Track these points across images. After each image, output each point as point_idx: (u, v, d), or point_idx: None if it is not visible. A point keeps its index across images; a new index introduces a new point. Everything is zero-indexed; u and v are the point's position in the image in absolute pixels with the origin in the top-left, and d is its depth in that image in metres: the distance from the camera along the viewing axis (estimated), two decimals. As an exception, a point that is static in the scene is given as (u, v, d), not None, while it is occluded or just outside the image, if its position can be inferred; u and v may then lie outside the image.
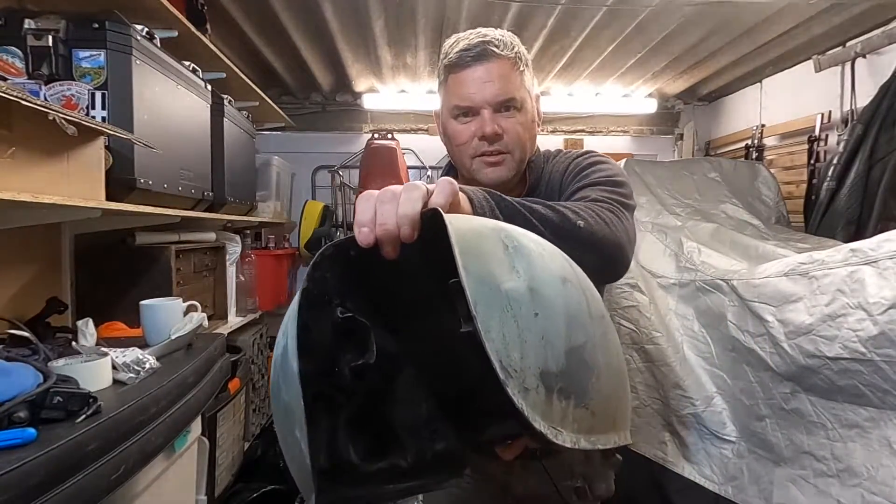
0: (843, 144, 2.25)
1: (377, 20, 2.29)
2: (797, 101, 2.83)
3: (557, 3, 2.10)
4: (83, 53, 1.25)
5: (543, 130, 3.63)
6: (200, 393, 1.16)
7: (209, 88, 1.84)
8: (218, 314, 2.05)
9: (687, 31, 2.41)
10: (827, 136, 2.60)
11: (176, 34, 1.62)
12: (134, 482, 0.95)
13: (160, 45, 1.48)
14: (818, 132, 2.61)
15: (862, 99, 2.34)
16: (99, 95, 1.26)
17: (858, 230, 2.15)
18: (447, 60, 0.93)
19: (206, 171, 1.85)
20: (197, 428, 1.32)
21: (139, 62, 1.34)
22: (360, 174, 3.27)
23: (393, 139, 3.27)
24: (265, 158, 2.91)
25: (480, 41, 0.90)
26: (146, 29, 1.41)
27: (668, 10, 2.16)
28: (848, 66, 2.45)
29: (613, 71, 3.00)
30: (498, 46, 0.90)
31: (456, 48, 0.92)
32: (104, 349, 1.03)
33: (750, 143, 3.11)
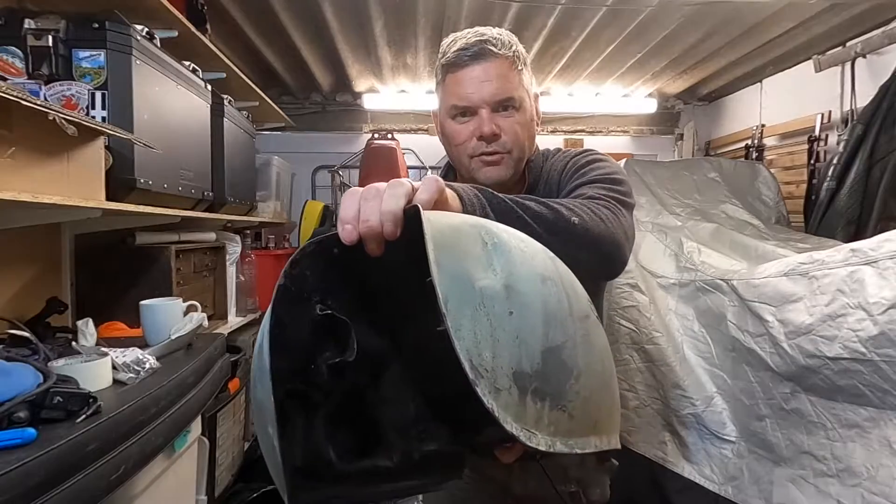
0: (843, 144, 2.25)
1: (377, 20, 2.29)
2: (797, 101, 2.83)
3: (557, 3, 2.10)
4: (83, 53, 1.25)
5: (543, 131, 3.63)
6: (200, 393, 1.16)
7: (209, 88, 1.84)
8: (218, 314, 2.05)
9: (687, 31, 2.41)
10: (827, 136, 2.60)
11: (176, 34, 1.62)
12: (134, 482, 0.95)
13: (160, 45, 1.48)
14: (818, 132, 2.61)
15: (862, 99, 2.34)
16: (99, 95, 1.26)
17: (858, 230, 2.15)
18: (445, 60, 0.92)
19: (206, 171, 1.85)
20: (197, 428, 1.32)
21: (139, 62, 1.34)
22: (360, 174, 3.28)
23: (393, 139, 3.28)
24: (265, 158, 2.91)
25: (478, 40, 0.89)
26: (146, 29, 1.41)
27: (668, 10, 2.16)
28: (848, 66, 2.45)
29: (613, 71, 3.00)
30: (496, 45, 0.89)
31: (454, 47, 0.91)
32: (104, 349, 1.03)
33: (750, 143, 3.11)
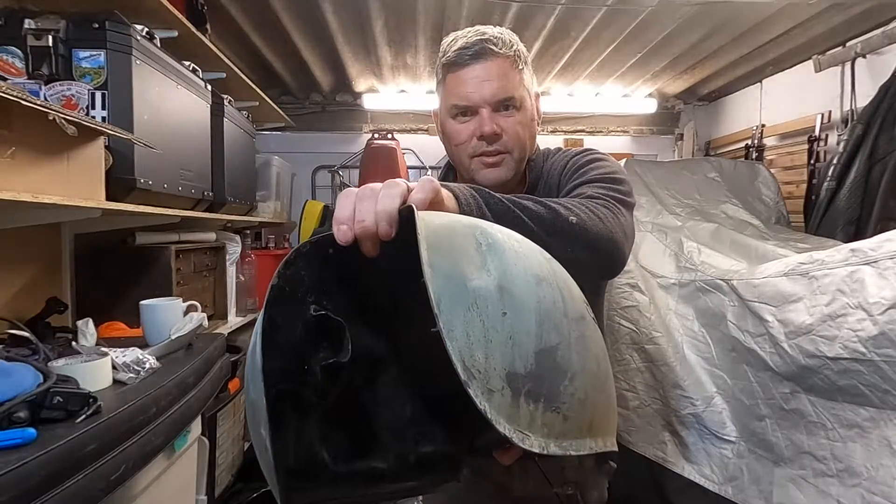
0: (843, 144, 2.25)
1: (377, 20, 2.29)
2: (797, 101, 2.83)
3: (557, 3, 2.10)
4: (83, 53, 1.25)
5: (543, 130, 3.63)
6: (200, 393, 1.16)
7: (209, 88, 1.84)
8: (218, 314, 2.05)
9: (687, 31, 2.41)
10: (827, 136, 2.60)
11: (176, 34, 1.62)
12: (134, 482, 0.95)
13: (160, 45, 1.48)
14: (818, 132, 2.61)
15: (862, 99, 2.34)
16: (99, 95, 1.26)
17: (858, 230, 2.15)
18: (445, 59, 0.91)
19: (206, 171, 1.85)
20: (197, 428, 1.32)
21: (139, 62, 1.33)
22: (360, 174, 3.28)
23: (393, 139, 3.27)
24: (265, 158, 2.91)
25: (479, 39, 0.88)
26: (146, 29, 1.41)
27: (668, 10, 2.16)
28: (848, 66, 2.45)
29: (613, 71, 3.00)
30: (496, 45, 0.88)
31: (454, 46, 0.90)
32: (104, 349, 1.03)
33: (750, 143, 3.11)
